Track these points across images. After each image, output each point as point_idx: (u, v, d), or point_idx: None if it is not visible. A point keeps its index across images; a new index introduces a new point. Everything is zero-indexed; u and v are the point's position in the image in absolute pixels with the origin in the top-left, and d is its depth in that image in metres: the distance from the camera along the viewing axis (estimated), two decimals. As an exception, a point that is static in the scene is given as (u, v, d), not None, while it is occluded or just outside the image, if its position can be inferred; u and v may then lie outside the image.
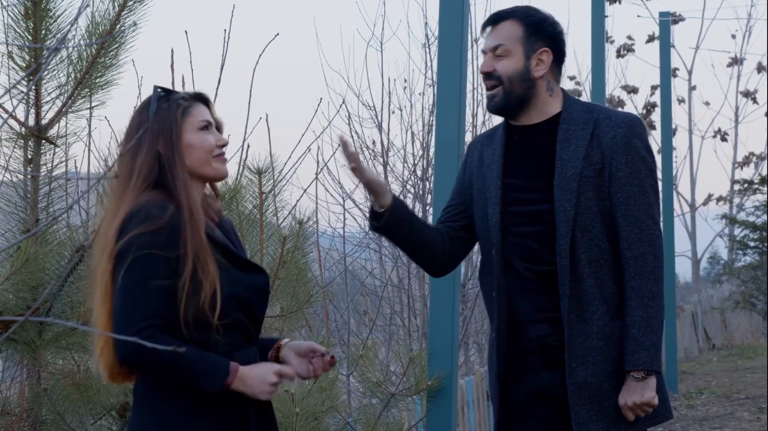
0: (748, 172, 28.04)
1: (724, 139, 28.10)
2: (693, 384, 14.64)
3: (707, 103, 28.59)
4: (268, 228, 4.74)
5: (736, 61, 28.28)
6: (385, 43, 10.63)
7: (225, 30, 5.12)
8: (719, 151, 53.54)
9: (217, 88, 5.02)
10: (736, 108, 28.84)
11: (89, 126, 4.91)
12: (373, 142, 10.61)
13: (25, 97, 4.19)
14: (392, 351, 8.10)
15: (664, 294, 3.78)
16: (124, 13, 4.21)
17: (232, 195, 4.57)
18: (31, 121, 4.22)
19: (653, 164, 3.83)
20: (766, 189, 19.62)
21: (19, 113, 4.21)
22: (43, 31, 4.15)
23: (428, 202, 10.32)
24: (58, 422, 4.23)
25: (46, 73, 4.16)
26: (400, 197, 9.94)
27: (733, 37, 31.44)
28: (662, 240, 3.81)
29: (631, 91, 25.82)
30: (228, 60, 5.14)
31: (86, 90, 4.23)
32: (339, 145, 3.64)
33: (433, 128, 9.54)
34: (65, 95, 4.21)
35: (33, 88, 4.18)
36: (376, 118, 10.54)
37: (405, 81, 10.91)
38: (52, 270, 4.12)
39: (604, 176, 3.76)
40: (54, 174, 4.25)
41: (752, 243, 19.75)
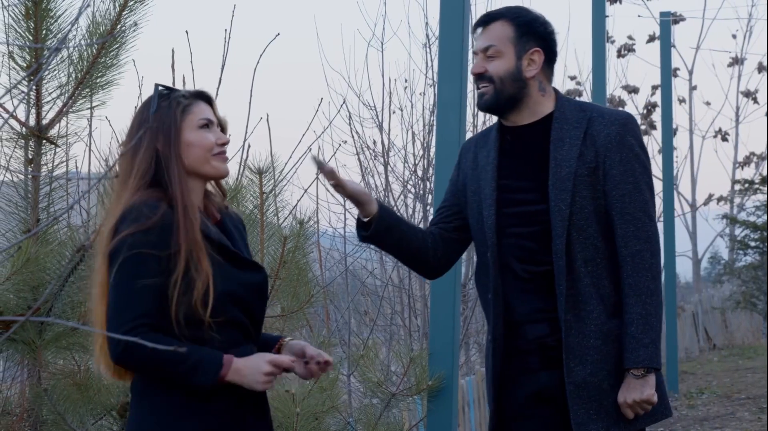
0: (749, 171, 28.06)
1: (724, 139, 28.10)
2: (694, 384, 14.64)
3: (708, 103, 28.60)
4: (269, 228, 4.74)
5: (737, 60, 28.29)
6: (386, 43, 10.64)
7: (226, 30, 5.12)
8: (720, 151, 53.53)
9: (217, 88, 5.02)
10: (737, 108, 28.85)
11: (90, 126, 4.92)
12: (374, 142, 10.62)
13: (26, 97, 4.19)
14: (393, 351, 8.10)
15: (665, 295, 3.79)
16: (125, 13, 4.21)
17: (232, 195, 4.57)
18: (32, 121, 4.22)
19: (647, 161, 3.82)
20: (767, 189, 19.62)
21: (20, 113, 4.22)
22: (44, 31, 4.15)
23: (429, 201, 10.32)
24: (58, 422, 4.23)
25: (46, 73, 4.16)
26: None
27: (734, 37, 31.45)
28: (659, 237, 3.81)
29: (632, 91, 25.84)
30: (229, 60, 5.14)
31: (87, 90, 4.23)
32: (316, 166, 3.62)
33: (434, 128, 9.54)
34: (66, 95, 4.21)
35: (34, 88, 4.18)
36: (377, 118, 10.55)
37: (406, 81, 10.93)
38: (52, 270, 4.12)
39: (598, 174, 3.75)
40: (55, 174, 4.25)
41: (753, 243, 19.75)
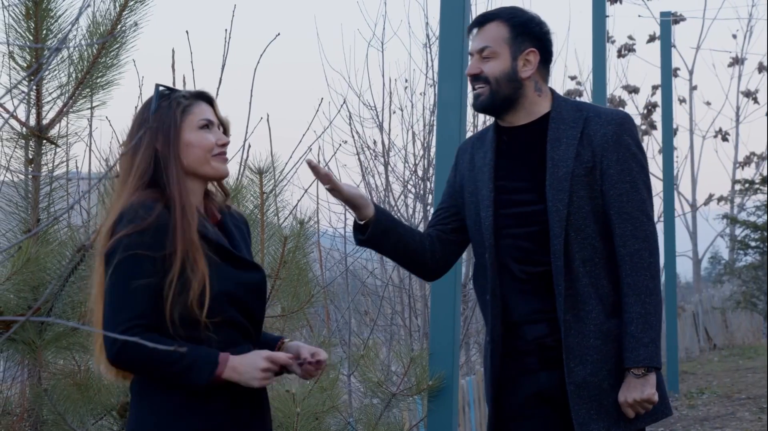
0: (749, 171, 28.08)
1: (725, 138, 28.11)
2: (694, 384, 14.64)
3: (708, 103, 28.61)
4: (269, 228, 4.74)
5: (737, 60, 28.30)
6: (386, 43, 10.63)
7: (226, 30, 5.12)
8: (720, 150, 53.54)
9: (218, 88, 5.02)
10: (737, 108, 28.86)
11: (90, 126, 4.91)
12: (374, 142, 10.62)
13: (26, 97, 4.19)
14: (393, 351, 8.10)
15: (666, 295, 3.79)
16: (125, 13, 4.21)
17: (233, 195, 4.56)
18: (32, 121, 4.22)
19: (644, 160, 3.82)
20: (767, 189, 19.62)
21: (20, 113, 4.22)
22: (44, 31, 4.15)
23: (429, 202, 10.32)
24: (58, 422, 4.23)
25: (47, 73, 4.16)
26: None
27: (734, 37, 31.48)
28: (657, 236, 3.81)
29: (632, 91, 25.84)
30: (229, 60, 5.14)
31: (87, 90, 4.23)
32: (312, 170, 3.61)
33: (434, 128, 9.54)
34: (66, 95, 4.21)
35: (34, 88, 4.18)
36: (377, 118, 10.55)
37: (406, 81, 10.92)
38: (53, 270, 4.12)
39: (595, 174, 3.75)
40: (55, 174, 4.25)
41: (753, 243, 19.75)
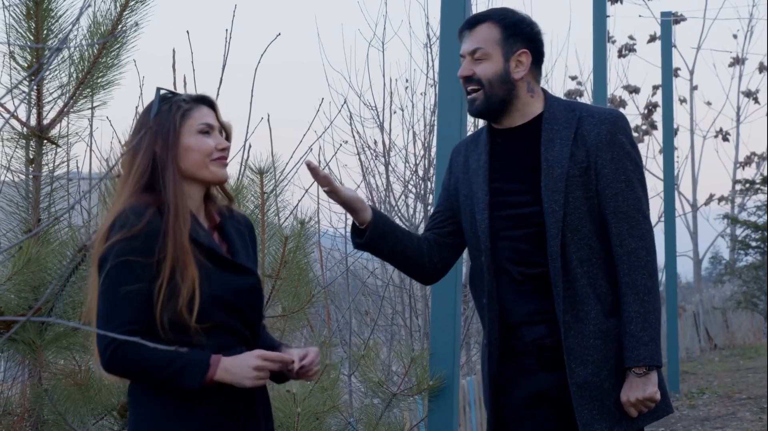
0: (750, 171, 28.10)
1: (725, 138, 28.12)
2: (695, 384, 14.64)
3: (709, 103, 28.62)
4: (270, 229, 4.74)
5: (738, 60, 28.31)
6: (387, 43, 10.63)
7: (227, 30, 5.12)
8: (721, 150, 53.52)
9: (218, 88, 5.02)
10: (738, 108, 28.87)
11: (91, 126, 4.91)
12: (375, 142, 10.62)
13: (27, 97, 4.19)
14: (394, 351, 8.10)
15: (667, 295, 3.79)
16: (126, 13, 4.21)
17: (233, 195, 4.56)
18: (33, 121, 4.22)
19: (639, 159, 3.81)
20: (767, 189, 19.62)
21: (21, 113, 4.22)
22: (45, 31, 4.15)
23: (430, 202, 10.32)
24: (59, 422, 4.23)
25: (47, 73, 4.16)
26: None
27: (735, 36, 31.54)
28: (653, 234, 3.80)
29: (633, 91, 25.84)
30: (229, 60, 5.14)
31: (88, 90, 4.23)
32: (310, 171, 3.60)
33: (435, 128, 9.54)
34: (67, 95, 4.21)
35: (35, 88, 4.18)
36: (378, 118, 10.55)
37: (406, 81, 10.91)
38: (53, 270, 4.12)
39: (590, 174, 3.74)
40: (56, 174, 4.25)
41: (754, 243, 19.75)
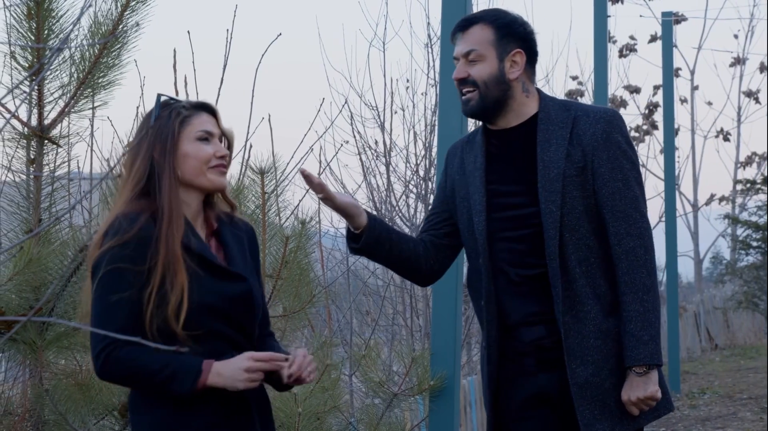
0: (751, 171, 28.11)
1: (726, 138, 28.12)
2: (695, 384, 14.64)
3: (710, 103, 28.63)
4: (271, 229, 4.74)
5: (739, 60, 28.31)
6: (388, 43, 10.62)
7: (227, 30, 5.11)
8: (722, 150, 53.42)
9: (219, 88, 5.02)
10: (739, 108, 28.86)
11: (92, 126, 4.90)
12: (376, 142, 10.62)
13: (28, 97, 4.19)
14: (395, 351, 8.10)
15: (667, 294, 3.79)
16: (127, 13, 4.21)
17: (234, 195, 4.57)
18: (34, 121, 4.22)
19: (635, 157, 3.81)
20: None
21: (22, 113, 4.22)
22: (46, 31, 4.15)
23: (431, 202, 10.32)
24: (60, 422, 4.23)
25: (48, 73, 4.16)
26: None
27: (736, 36, 31.52)
28: (651, 232, 3.80)
29: (634, 91, 25.84)
30: (230, 60, 5.14)
31: (89, 90, 4.23)
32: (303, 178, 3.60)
33: (436, 128, 9.54)
34: (68, 95, 4.21)
35: (36, 88, 4.18)
36: (379, 118, 10.54)
37: (407, 81, 10.90)
38: (54, 270, 4.12)
39: (587, 174, 3.74)
40: (56, 174, 4.25)
41: (755, 243, 19.75)
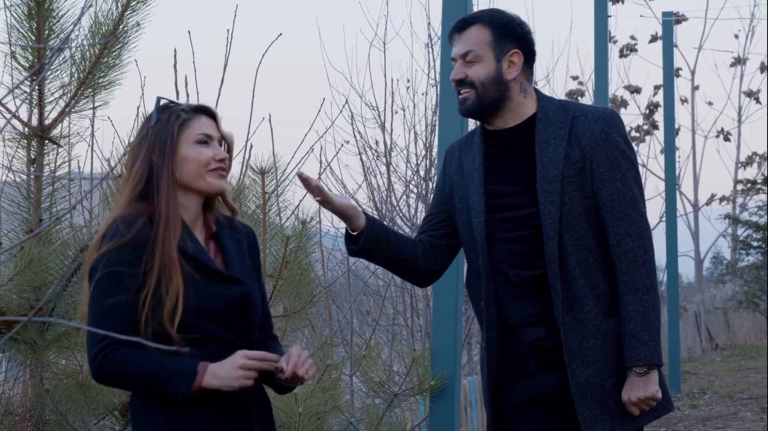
0: (751, 171, 28.10)
1: (727, 138, 28.11)
2: (696, 384, 14.64)
3: (710, 103, 28.63)
4: (271, 229, 4.74)
5: (739, 60, 28.31)
6: (388, 43, 10.63)
7: (228, 30, 5.12)
8: (722, 150, 53.44)
9: (220, 88, 5.02)
10: (739, 108, 28.86)
11: (92, 126, 4.91)
12: (376, 142, 10.62)
13: (29, 97, 4.19)
14: (395, 351, 8.10)
15: (668, 294, 3.79)
16: (127, 13, 4.21)
17: (235, 195, 4.57)
18: (35, 121, 4.22)
19: (633, 157, 3.80)
20: (769, 189, 19.61)
21: (23, 113, 4.22)
22: (47, 31, 4.15)
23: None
24: (60, 422, 4.23)
25: (49, 73, 4.16)
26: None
27: (736, 36, 31.50)
28: (650, 232, 3.80)
29: (634, 91, 25.84)
30: (231, 60, 5.14)
31: (89, 90, 4.23)
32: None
33: (436, 128, 9.54)
34: (68, 95, 4.21)
35: (36, 88, 4.18)
36: (379, 118, 10.55)
37: (408, 81, 10.91)
38: (55, 270, 4.12)
39: (585, 174, 3.73)
40: (57, 174, 4.25)
41: (755, 243, 19.74)
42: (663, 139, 14.55)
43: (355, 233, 3.78)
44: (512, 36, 3.79)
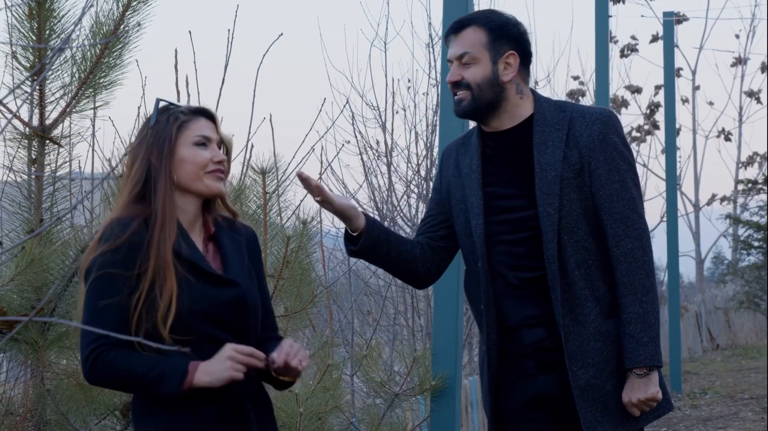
0: (752, 171, 28.11)
1: (727, 138, 28.12)
2: (697, 384, 14.64)
3: (711, 103, 28.63)
4: (272, 229, 4.74)
5: (740, 60, 28.32)
6: (389, 43, 10.62)
7: (229, 30, 5.12)
8: (723, 150, 53.57)
9: (220, 88, 5.02)
10: (740, 108, 28.87)
11: (93, 126, 4.91)
12: (377, 142, 10.62)
13: (29, 97, 4.19)
14: (396, 351, 8.10)
15: (669, 295, 3.79)
16: (128, 13, 4.21)
17: (235, 195, 4.57)
18: (35, 121, 4.22)
19: (631, 158, 3.80)
20: (770, 189, 19.61)
21: (23, 113, 4.22)
22: (48, 32, 4.15)
23: (432, 202, 10.30)
24: (61, 422, 4.23)
25: (50, 73, 4.16)
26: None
27: (737, 36, 31.53)
28: (649, 233, 3.79)
29: (635, 91, 25.84)
30: (232, 60, 5.14)
31: (90, 90, 4.23)
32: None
33: (437, 128, 9.54)
34: (69, 95, 4.22)
35: (37, 88, 4.18)
36: (380, 118, 10.55)
37: (409, 81, 10.91)
38: (56, 270, 4.13)
39: (584, 176, 3.73)
40: (58, 174, 4.25)
41: (756, 243, 19.75)
42: (664, 139, 14.56)
43: (354, 233, 3.78)
44: (508, 37, 3.78)
